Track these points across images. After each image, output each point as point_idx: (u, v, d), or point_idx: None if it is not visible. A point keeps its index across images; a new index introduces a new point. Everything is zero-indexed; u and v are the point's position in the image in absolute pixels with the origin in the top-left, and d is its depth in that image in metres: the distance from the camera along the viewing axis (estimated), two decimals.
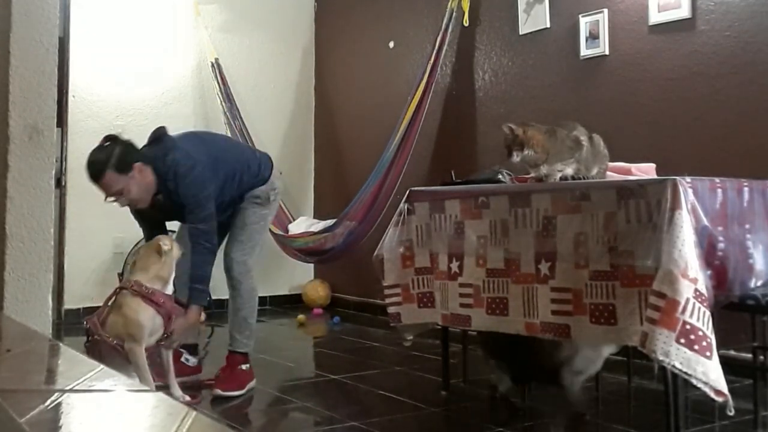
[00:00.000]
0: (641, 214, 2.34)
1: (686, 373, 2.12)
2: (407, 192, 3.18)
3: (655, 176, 2.83)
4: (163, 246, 2.90)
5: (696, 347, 2.12)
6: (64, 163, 5.00)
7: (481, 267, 2.82)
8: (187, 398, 2.99)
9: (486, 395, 3.05)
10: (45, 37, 2.26)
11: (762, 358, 2.87)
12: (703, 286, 2.18)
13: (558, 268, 2.55)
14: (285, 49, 6.00)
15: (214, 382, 3.21)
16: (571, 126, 2.81)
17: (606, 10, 3.95)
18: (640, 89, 3.82)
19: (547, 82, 4.27)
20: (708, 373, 2.12)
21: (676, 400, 2.32)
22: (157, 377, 2.92)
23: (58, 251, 4.88)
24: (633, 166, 2.92)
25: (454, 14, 4.67)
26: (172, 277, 2.94)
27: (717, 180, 2.47)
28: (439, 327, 3.13)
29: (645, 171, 2.91)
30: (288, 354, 4.14)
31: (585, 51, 4.06)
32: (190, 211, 3.10)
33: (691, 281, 2.14)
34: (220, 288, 3.46)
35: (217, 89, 5.51)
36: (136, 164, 3.02)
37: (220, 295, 3.62)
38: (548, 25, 4.27)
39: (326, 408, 3.08)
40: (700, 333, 2.13)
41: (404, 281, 3.10)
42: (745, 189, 2.58)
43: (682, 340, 2.11)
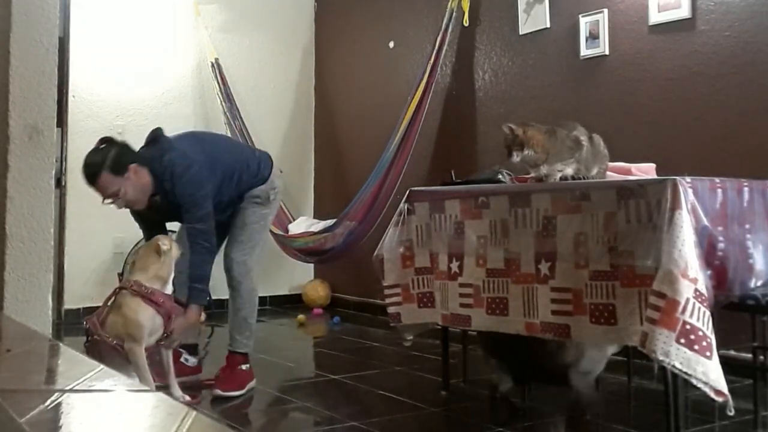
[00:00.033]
0: (641, 214, 2.34)
1: (686, 373, 2.12)
2: (407, 192, 3.18)
3: (655, 176, 2.83)
4: (162, 246, 2.90)
5: (696, 347, 2.12)
6: (64, 163, 5.00)
7: (481, 267, 2.82)
8: (187, 398, 2.99)
9: (486, 395, 3.05)
10: (45, 37, 2.26)
11: (762, 358, 2.87)
12: (703, 286, 2.18)
13: (558, 268, 2.55)
14: (285, 49, 6.00)
15: (214, 382, 3.21)
16: (571, 126, 2.81)
17: (606, 10, 3.95)
18: (640, 89, 3.82)
19: (547, 82, 4.27)
20: (708, 373, 2.12)
21: (676, 400, 2.32)
22: (158, 377, 2.92)
23: (58, 251, 4.88)
24: (633, 166, 2.92)
25: (454, 14, 4.67)
26: (171, 276, 2.94)
27: (717, 180, 2.47)
28: (439, 327, 3.13)
29: (645, 171, 2.91)
30: (288, 354, 4.14)
31: (585, 51, 4.06)
32: (187, 211, 3.10)
33: (691, 281, 2.14)
34: (220, 288, 3.47)
35: (217, 89, 5.51)
36: (131, 165, 3.02)
37: (220, 295, 3.62)
38: (548, 25, 4.27)
39: (326, 408, 3.08)
40: (700, 333, 2.13)
41: (404, 281, 3.10)
42: (745, 189, 2.58)
43: (682, 340, 2.11)
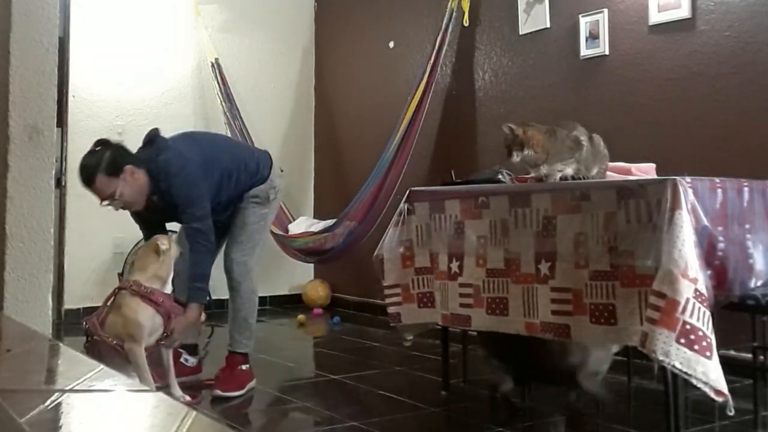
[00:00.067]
0: (641, 214, 2.34)
1: (686, 373, 2.12)
2: (407, 192, 3.18)
3: (655, 176, 2.83)
4: (161, 245, 2.90)
5: (696, 347, 2.12)
6: (64, 163, 5.00)
7: (481, 267, 2.82)
8: (187, 398, 2.99)
9: (486, 395, 3.05)
10: (45, 37, 2.26)
11: (762, 358, 2.87)
12: (703, 286, 2.18)
13: (558, 268, 2.55)
14: (285, 49, 6.00)
15: (214, 382, 3.21)
16: (571, 126, 2.81)
17: (606, 10, 3.95)
18: (640, 89, 3.82)
19: (547, 82, 4.27)
20: (708, 373, 2.12)
21: (676, 400, 2.32)
22: (158, 378, 2.92)
23: (58, 251, 4.88)
24: (633, 166, 2.92)
25: (454, 14, 4.67)
26: (170, 276, 2.94)
27: (717, 180, 2.47)
28: (439, 327, 3.13)
29: (645, 171, 2.91)
30: (288, 354, 4.14)
31: (585, 51, 4.06)
32: (183, 211, 3.10)
33: (691, 281, 2.14)
34: (220, 288, 3.46)
35: (217, 89, 5.51)
36: (126, 167, 3.02)
37: (220, 295, 3.62)
38: (548, 25, 4.27)
39: (326, 408, 3.08)
40: (700, 333, 2.13)
41: (404, 281, 3.10)
42: (745, 189, 2.58)
43: (682, 340, 2.11)
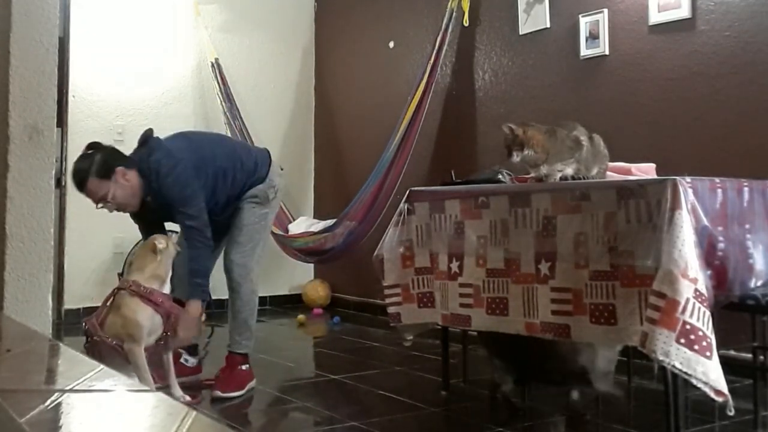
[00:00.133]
0: (641, 214, 2.34)
1: (686, 373, 2.12)
2: (407, 192, 3.18)
3: (655, 176, 2.83)
4: (158, 245, 2.90)
5: (696, 347, 2.12)
6: (64, 163, 5.00)
7: (481, 267, 2.82)
8: (187, 398, 2.99)
9: (486, 395, 3.05)
10: (45, 37, 2.26)
11: (762, 358, 2.87)
12: (703, 286, 2.18)
13: (558, 268, 2.55)
14: (285, 49, 6.00)
15: (214, 382, 3.21)
16: (571, 126, 2.81)
17: (606, 10, 3.95)
18: (640, 89, 3.82)
19: (547, 82, 4.27)
20: (708, 373, 2.12)
21: (676, 400, 2.32)
22: (158, 378, 2.92)
23: (58, 251, 4.88)
24: (633, 166, 2.92)
25: (454, 14, 4.67)
26: (169, 275, 2.94)
27: (717, 180, 2.46)
28: (439, 327, 3.13)
29: (645, 171, 2.91)
30: (288, 354, 4.14)
31: (585, 51, 4.06)
32: (177, 210, 3.10)
33: (691, 281, 2.14)
34: (220, 288, 3.46)
35: (217, 89, 5.51)
36: (117, 169, 3.02)
37: (220, 296, 3.62)
38: (548, 25, 4.27)
39: (326, 408, 3.08)
40: (700, 333, 2.13)
41: (404, 281, 3.10)
42: (745, 189, 2.58)
43: (682, 340, 2.11)
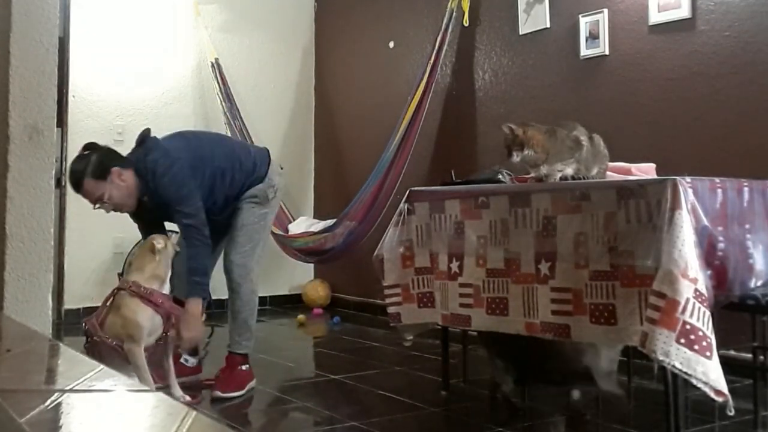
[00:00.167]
0: (641, 214, 2.34)
1: (686, 373, 2.12)
2: (407, 192, 3.18)
3: (655, 176, 2.83)
4: (157, 245, 2.90)
5: (696, 347, 2.12)
6: (64, 163, 4.99)
7: (481, 267, 2.82)
8: (187, 398, 2.99)
9: (486, 395, 3.05)
10: (45, 37, 2.25)
11: (762, 358, 2.87)
12: (703, 286, 2.18)
13: (558, 268, 2.55)
14: (285, 49, 6.00)
15: (214, 382, 3.21)
16: (571, 126, 2.81)
17: (606, 10, 3.95)
18: (640, 89, 3.82)
19: (547, 82, 4.27)
20: (708, 373, 2.12)
21: (676, 400, 2.32)
22: (158, 379, 2.92)
23: (58, 251, 4.87)
24: (633, 166, 2.92)
25: (454, 14, 4.67)
26: (168, 275, 2.94)
27: (717, 180, 2.46)
28: (439, 327, 3.13)
29: (645, 171, 2.91)
30: (288, 354, 4.14)
31: (585, 51, 4.06)
32: (174, 210, 3.10)
33: (691, 281, 2.14)
34: (220, 288, 3.46)
35: (217, 89, 5.51)
36: (113, 169, 3.02)
37: (220, 296, 3.62)
38: (548, 25, 4.27)
39: (326, 408, 3.08)
40: (700, 333, 2.13)
41: (404, 281, 3.10)
42: (745, 189, 2.58)
43: (682, 340, 2.11)
